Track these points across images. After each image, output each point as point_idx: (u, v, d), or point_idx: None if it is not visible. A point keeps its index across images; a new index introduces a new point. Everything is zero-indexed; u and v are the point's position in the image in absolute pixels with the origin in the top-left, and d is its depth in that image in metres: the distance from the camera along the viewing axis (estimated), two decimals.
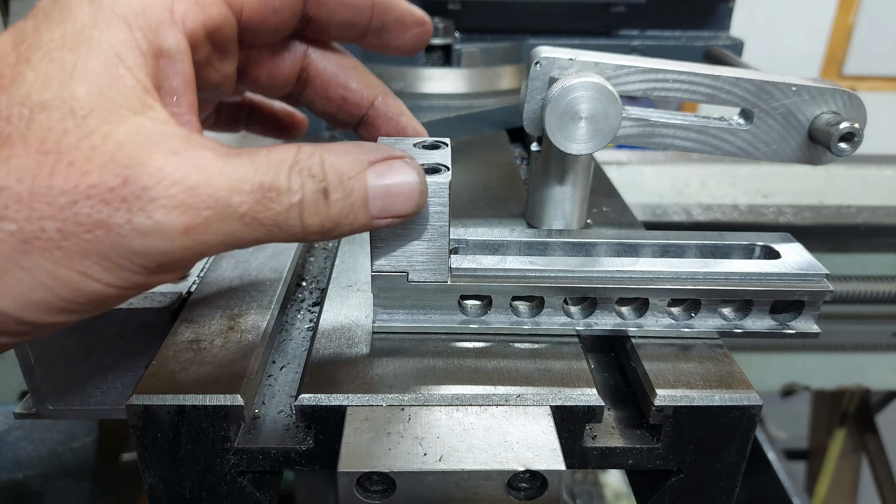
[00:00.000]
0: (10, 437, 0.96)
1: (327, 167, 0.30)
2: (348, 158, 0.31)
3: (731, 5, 0.89)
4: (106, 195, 0.26)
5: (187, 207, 0.27)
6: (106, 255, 0.27)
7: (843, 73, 2.97)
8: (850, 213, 0.93)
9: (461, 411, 0.35)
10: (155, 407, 0.35)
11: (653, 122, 0.48)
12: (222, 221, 0.28)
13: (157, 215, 0.27)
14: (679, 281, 0.40)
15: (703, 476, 0.38)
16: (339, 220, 0.31)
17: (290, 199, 0.29)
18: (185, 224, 0.27)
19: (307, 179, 0.30)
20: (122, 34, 0.29)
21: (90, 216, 0.26)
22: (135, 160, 0.27)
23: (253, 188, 0.28)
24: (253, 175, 0.29)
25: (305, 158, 0.30)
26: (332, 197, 0.30)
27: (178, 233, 0.27)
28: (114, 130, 0.27)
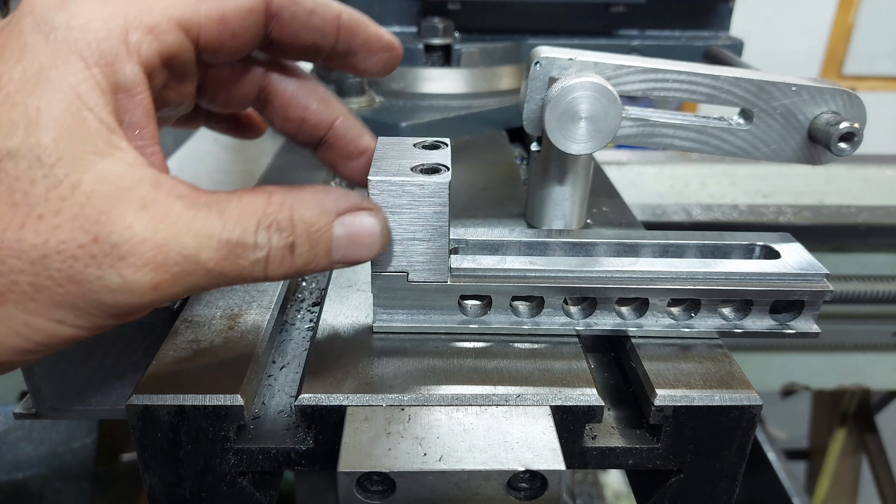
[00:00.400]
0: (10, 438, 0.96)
1: (296, 221, 0.31)
2: (318, 210, 0.32)
3: (731, 5, 0.89)
4: (76, 251, 0.26)
5: (156, 266, 0.28)
6: (77, 305, 0.27)
7: (843, 72, 2.97)
8: (850, 213, 0.93)
9: (461, 411, 0.35)
10: (155, 407, 0.35)
11: (653, 122, 0.48)
12: (189, 276, 0.29)
13: (126, 273, 0.27)
14: (679, 281, 0.40)
15: (703, 476, 0.38)
16: (301, 268, 0.32)
17: (256, 255, 0.30)
18: (153, 281, 0.28)
19: (274, 234, 0.30)
20: (81, 73, 0.28)
21: (61, 271, 0.27)
22: (104, 215, 0.27)
23: (220, 245, 0.29)
24: (220, 231, 0.29)
25: (275, 212, 0.30)
26: (297, 250, 0.31)
27: (147, 289, 0.28)
28: (82, 179, 0.27)
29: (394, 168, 0.36)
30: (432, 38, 0.81)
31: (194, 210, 0.29)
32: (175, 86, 0.34)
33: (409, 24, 0.86)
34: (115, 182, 0.27)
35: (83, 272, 0.27)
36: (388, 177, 0.36)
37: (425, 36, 0.81)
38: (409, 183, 0.35)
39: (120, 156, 0.28)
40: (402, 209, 0.36)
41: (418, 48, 0.81)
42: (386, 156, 0.38)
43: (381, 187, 0.36)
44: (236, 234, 0.29)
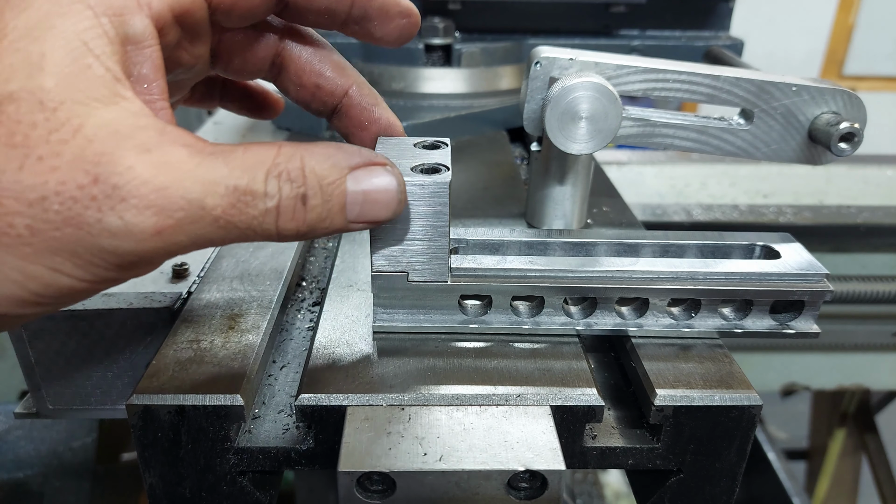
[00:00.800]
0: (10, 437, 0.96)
1: (307, 172, 0.30)
2: (329, 163, 0.30)
3: (731, 5, 0.89)
4: (75, 193, 0.26)
5: (158, 209, 0.27)
6: (76, 252, 0.27)
7: (843, 73, 2.97)
8: (850, 213, 0.93)
9: (461, 411, 0.35)
10: (155, 407, 0.35)
11: (653, 122, 0.48)
12: (194, 223, 0.28)
13: (127, 216, 0.26)
14: (679, 281, 0.40)
15: (703, 476, 0.38)
16: (314, 224, 0.31)
17: (266, 204, 0.29)
18: (156, 226, 0.27)
19: (285, 184, 0.29)
20: (88, 21, 0.28)
21: (59, 213, 0.26)
22: (105, 157, 0.26)
23: (227, 191, 0.28)
24: (227, 177, 0.28)
25: (284, 161, 0.29)
26: (309, 203, 0.30)
27: (149, 234, 0.27)
28: (84, 124, 0.26)
29: None
30: (433, 38, 0.81)
31: (200, 157, 0.28)
32: (188, 46, 0.34)
33: None
34: (117, 128, 0.27)
35: (82, 214, 0.26)
36: None
37: (426, 36, 0.81)
38: (409, 183, 0.35)
39: (125, 105, 0.28)
40: None
41: (418, 48, 0.81)
42: (386, 156, 0.38)
43: None
44: (244, 181, 0.28)
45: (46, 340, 0.44)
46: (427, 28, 0.81)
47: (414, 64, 0.81)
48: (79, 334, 0.44)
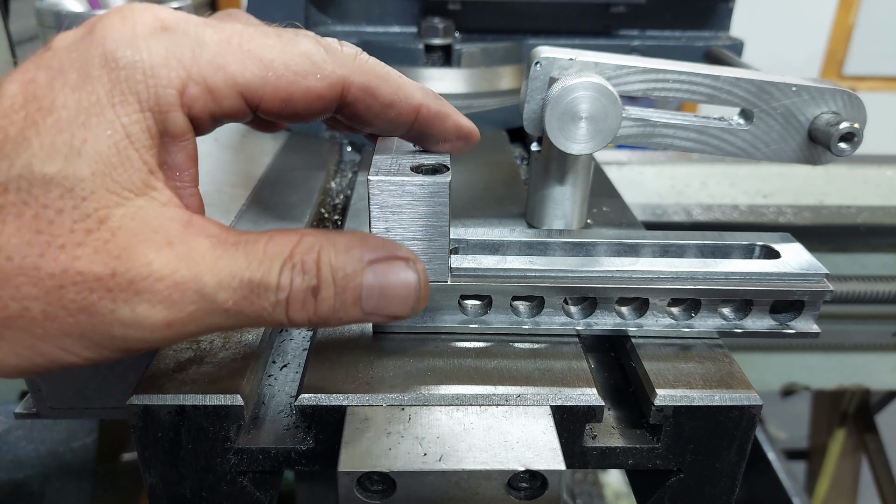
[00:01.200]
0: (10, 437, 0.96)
1: (322, 264, 0.30)
2: (347, 255, 0.30)
3: (731, 5, 0.89)
4: (93, 284, 0.26)
5: (171, 303, 0.27)
6: (86, 336, 0.27)
7: (843, 73, 2.97)
8: (850, 213, 0.93)
9: (461, 411, 0.35)
10: (155, 407, 0.35)
11: (653, 122, 0.48)
12: (206, 315, 0.28)
13: (139, 309, 0.27)
14: (679, 281, 0.40)
15: (703, 476, 0.38)
16: (326, 315, 0.30)
17: (277, 297, 0.29)
18: (167, 319, 0.28)
19: (297, 276, 0.29)
20: (135, 114, 0.28)
21: (75, 302, 0.26)
22: (126, 252, 0.27)
23: (241, 284, 0.28)
24: (244, 270, 0.28)
25: (302, 253, 0.29)
26: (321, 295, 0.30)
27: (160, 327, 0.28)
28: (111, 214, 0.27)
29: (394, 168, 0.36)
30: (432, 38, 0.81)
31: (221, 250, 0.28)
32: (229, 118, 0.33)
33: (409, 24, 0.86)
34: (144, 220, 0.28)
35: (96, 304, 0.27)
36: (388, 177, 0.36)
37: (425, 36, 0.81)
38: (409, 183, 0.35)
39: (154, 195, 0.28)
40: (402, 209, 0.36)
41: (418, 48, 0.81)
42: (386, 156, 0.38)
43: (381, 187, 0.36)
44: (259, 275, 0.28)
45: None
46: (427, 28, 0.81)
47: (414, 64, 0.81)
48: None
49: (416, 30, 0.86)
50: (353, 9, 0.84)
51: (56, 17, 0.73)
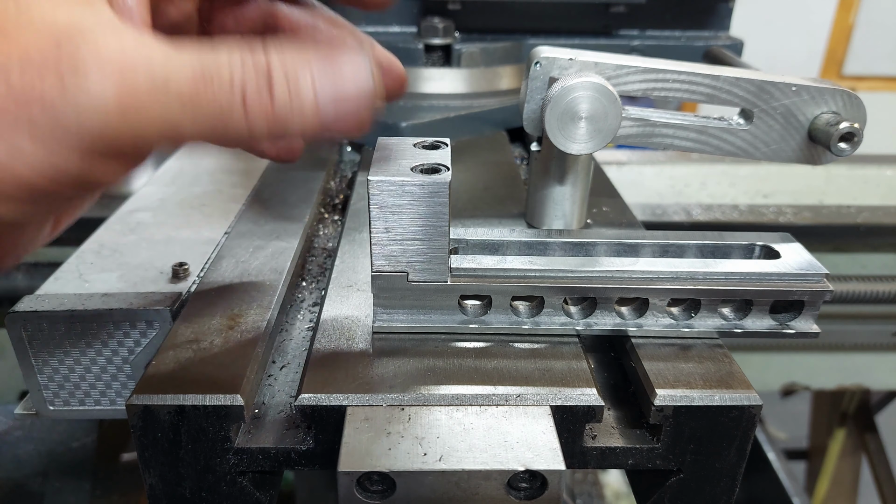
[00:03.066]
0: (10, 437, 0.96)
1: (271, 53, 0.28)
2: (294, 49, 0.29)
3: (731, 5, 0.89)
4: (38, 61, 0.25)
5: (122, 79, 0.26)
6: (39, 130, 0.25)
7: (843, 73, 2.97)
8: (850, 213, 0.93)
9: (461, 411, 0.35)
10: (155, 407, 0.35)
11: (653, 122, 0.48)
12: (159, 102, 0.26)
13: (89, 82, 0.25)
14: (679, 281, 0.40)
15: (703, 476, 0.38)
16: (284, 116, 0.29)
17: (232, 84, 0.27)
18: (118, 97, 0.26)
19: (249, 68, 0.28)
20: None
21: (22, 84, 0.25)
22: (71, 27, 0.26)
23: (193, 70, 0.27)
24: (193, 56, 0.27)
25: (248, 44, 0.28)
26: (276, 88, 0.28)
27: (113, 107, 0.26)
28: (55, 12, 0.26)
29: (394, 168, 0.36)
30: (432, 38, 0.81)
31: (168, 43, 0.27)
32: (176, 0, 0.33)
33: (409, 24, 0.86)
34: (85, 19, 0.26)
35: (44, 83, 0.25)
36: (388, 177, 0.36)
37: (425, 36, 0.81)
38: (409, 183, 0.35)
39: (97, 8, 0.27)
40: (402, 209, 0.36)
41: (418, 48, 0.81)
42: (386, 156, 0.38)
43: (381, 187, 0.36)
44: (209, 62, 0.27)
45: (46, 340, 0.44)
46: (427, 28, 0.81)
47: (414, 64, 0.81)
48: (79, 334, 0.44)
49: (415, 30, 0.86)
50: (353, 8, 0.84)
51: None
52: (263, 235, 0.52)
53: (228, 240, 0.52)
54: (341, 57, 0.29)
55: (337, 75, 0.29)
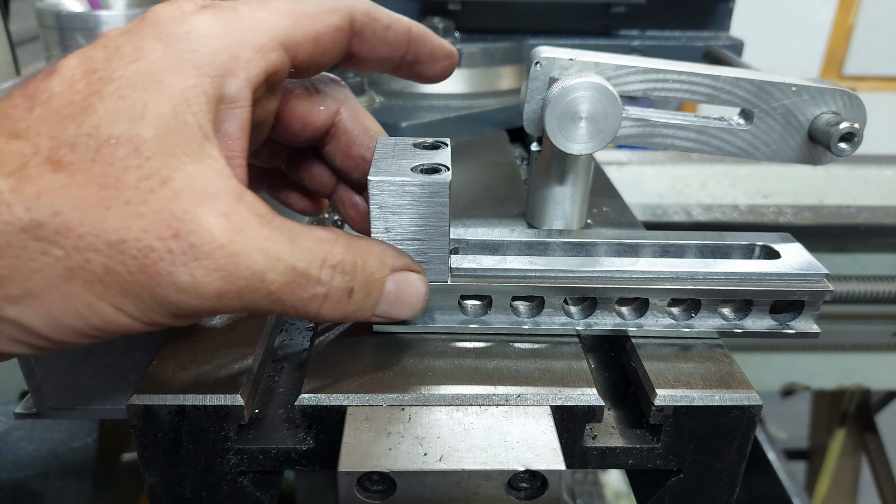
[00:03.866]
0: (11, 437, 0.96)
1: (359, 267, 0.33)
2: (378, 262, 0.34)
3: (731, 5, 0.89)
4: (155, 243, 0.27)
5: (226, 274, 0.28)
6: (141, 297, 0.28)
7: (843, 73, 2.97)
8: (850, 213, 0.93)
9: (461, 411, 0.35)
10: (155, 407, 0.35)
11: (653, 122, 0.48)
12: (252, 293, 0.29)
13: (197, 275, 0.28)
14: (679, 281, 0.40)
15: (703, 476, 0.38)
16: (350, 313, 0.34)
17: (317, 290, 0.31)
18: (219, 289, 0.28)
19: (338, 275, 0.32)
20: (192, 79, 0.29)
21: (135, 259, 0.27)
22: (188, 214, 0.27)
23: (286, 270, 0.30)
24: (289, 256, 0.30)
25: (341, 253, 0.32)
26: (354, 296, 0.33)
27: (212, 296, 0.28)
28: (172, 176, 0.28)
29: (394, 168, 0.36)
30: None
31: (269, 230, 0.30)
32: (263, 102, 0.35)
33: None
34: (202, 186, 0.28)
35: (156, 265, 0.27)
36: (388, 177, 0.36)
37: None
38: (409, 183, 0.35)
39: (210, 163, 0.29)
40: (402, 209, 0.36)
41: None
42: (386, 156, 0.38)
43: (381, 187, 0.36)
44: (303, 264, 0.30)
45: None
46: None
47: None
48: None
49: None
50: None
51: (56, 17, 0.73)
52: None
53: None
54: (408, 279, 0.36)
55: (401, 293, 0.36)
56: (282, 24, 0.33)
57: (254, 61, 0.32)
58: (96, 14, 0.74)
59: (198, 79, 0.29)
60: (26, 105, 0.28)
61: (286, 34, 0.33)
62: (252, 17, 0.32)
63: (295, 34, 0.33)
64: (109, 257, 0.27)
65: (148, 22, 0.31)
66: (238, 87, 0.31)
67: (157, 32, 0.30)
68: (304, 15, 0.34)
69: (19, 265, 0.26)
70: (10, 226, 0.26)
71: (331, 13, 0.35)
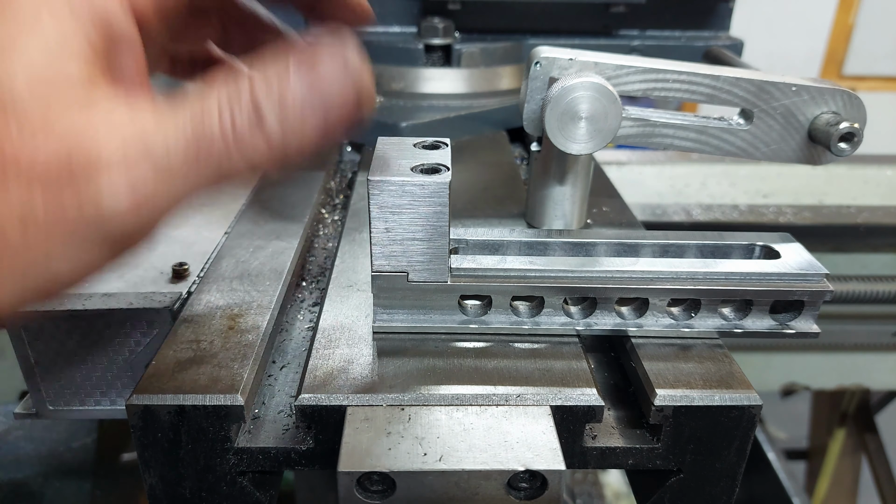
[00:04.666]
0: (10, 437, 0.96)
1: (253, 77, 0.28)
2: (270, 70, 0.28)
3: (731, 5, 0.89)
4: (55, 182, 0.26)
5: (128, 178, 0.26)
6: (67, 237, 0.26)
7: (843, 73, 2.97)
8: (850, 213, 0.93)
9: (461, 411, 0.35)
10: (155, 407, 0.35)
11: (653, 122, 0.48)
12: (164, 183, 0.27)
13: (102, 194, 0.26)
14: (679, 281, 0.40)
15: (703, 476, 0.38)
16: (284, 142, 0.28)
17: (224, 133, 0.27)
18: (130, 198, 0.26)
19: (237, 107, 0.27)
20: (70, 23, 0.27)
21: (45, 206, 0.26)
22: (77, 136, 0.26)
23: (186, 136, 0.27)
24: (186, 120, 0.27)
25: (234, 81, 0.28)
26: (265, 115, 0.27)
27: (127, 209, 0.26)
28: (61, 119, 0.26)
29: (394, 168, 0.36)
30: (432, 38, 0.81)
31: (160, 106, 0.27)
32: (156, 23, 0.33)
33: (409, 24, 0.86)
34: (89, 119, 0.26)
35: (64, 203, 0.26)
36: (388, 177, 0.36)
37: (425, 36, 0.81)
38: (409, 183, 0.35)
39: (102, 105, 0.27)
40: (402, 209, 0.36)
41: (418, 48, 0.81)
42: (386, 156, 0.38)
43: (381, 187, 0.36)
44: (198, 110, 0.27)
45: (46, 340, 0.44)
46: (427, 28, 0.81)
47: (414, 64, 0.81)
48: (79, 334, 0.44)
49: (416, 30, 0.85)
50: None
51: None
52: (263, 235, 0.52)
53: (228, 240, 0.52)
54: (320, 57, 0.28)
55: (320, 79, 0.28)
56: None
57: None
58: None
59: (76, 22, 0.27)
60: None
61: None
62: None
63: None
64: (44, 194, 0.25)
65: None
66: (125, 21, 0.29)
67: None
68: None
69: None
70: None
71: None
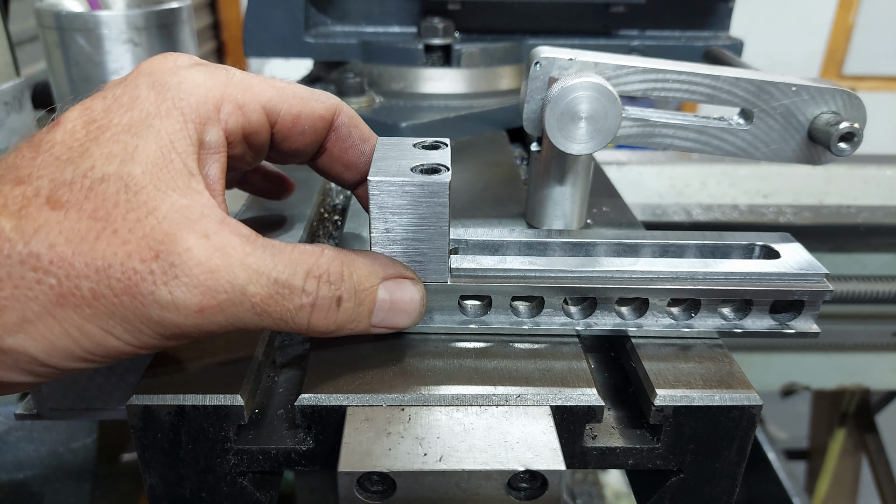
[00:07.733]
0: (11, 438, 0.95)
1: (346, 276, 0.34)
2: (366, 271, 0.35)
3: (731, 5, 0.89)
4: (138, 265, 0.29)
5: (205, 289, 0.30)
6: (127, 318, 0.30)
7: (843, 73, 2.97)
8: (850, 213, 0.93)
9: (461, 411, 0.35)
10: (155, 407, 0.35)
11: (653, 122, 0.48)
12: (235, 307, 0.31)
13: (176, 291, 0.29)
14: (679, 281, 0.40)
15: (703, 476, 0.38)
16: (343, 324, 0.34)
17: (302, 300, 0.32)
18: (199, 304, 0.30)
19: (324, 285, 0.33)
20: (178, 124, 0.33)
21: (120, 281, 0.29)
22: (169, 237, 0.30)
23: (268, 282, 0.31)
24: (271, 269, 0.31)
25: (326, 264, 0.33)
26: (343, 305, 0.34)
27: (193, 311, 0.30)
28: (158, 207, 0.30)
29: (394, 168, 0.36)
30: (432, 38, 0.81)
31: (251, 247, 0.31)
32: (242, 154, 0.39)
33: (409, 24, 0.86)
34: (186, 213, 0.31)
35: (139, 285, 0.29)
36: (388, 177, 0.36)
37: (425, 36, 0.81)
38: (409, 183, 0.35)
39: (195, 196, 0.32)
40: (402, 209, 0.36)
41: (418, 48, 0.81)
42: (386, 156, 0.38)
43: (381, 187, 0.36)
44: (285, 276, 0.32)
45: None
46: (426, 28, 0.81)
47: (414, 64, 0.81)
48: None
49: (416, 30, 0.85)
50: (353, 9, 0.84)
51: (56, 17, 0.73)
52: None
53: None
54: (401, 287, 0.36)
55: (396, 301, 0.36)
56: (268, 92, 0.37)
57: (234, 115, 0.35)
58: (96, 14, 0.74)
59: (183, 124, 0.33)
60: (31, 155, 0.31)
61: (270, 101, 0.37)
62: (243, 80, 0.36)
63: (279, 105, 0.37)
64: (97, 282, 0.29)
65: (143, 71, 0.35)
66: (218, 134, 0.35)
67: (152, 82, 0.34)
68: (292, 93, 0.38)
69: (17, 294, 0.28)
70: (10, 259, 0.28)
71: (317, 101, 0.39)
